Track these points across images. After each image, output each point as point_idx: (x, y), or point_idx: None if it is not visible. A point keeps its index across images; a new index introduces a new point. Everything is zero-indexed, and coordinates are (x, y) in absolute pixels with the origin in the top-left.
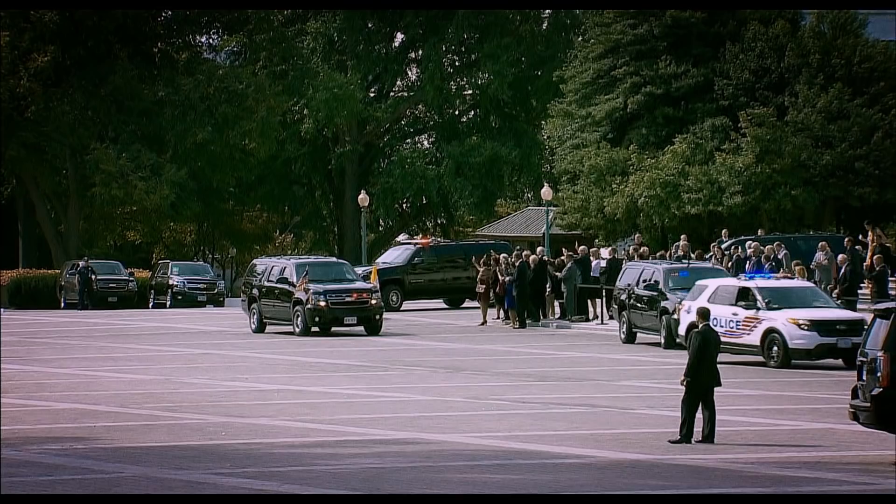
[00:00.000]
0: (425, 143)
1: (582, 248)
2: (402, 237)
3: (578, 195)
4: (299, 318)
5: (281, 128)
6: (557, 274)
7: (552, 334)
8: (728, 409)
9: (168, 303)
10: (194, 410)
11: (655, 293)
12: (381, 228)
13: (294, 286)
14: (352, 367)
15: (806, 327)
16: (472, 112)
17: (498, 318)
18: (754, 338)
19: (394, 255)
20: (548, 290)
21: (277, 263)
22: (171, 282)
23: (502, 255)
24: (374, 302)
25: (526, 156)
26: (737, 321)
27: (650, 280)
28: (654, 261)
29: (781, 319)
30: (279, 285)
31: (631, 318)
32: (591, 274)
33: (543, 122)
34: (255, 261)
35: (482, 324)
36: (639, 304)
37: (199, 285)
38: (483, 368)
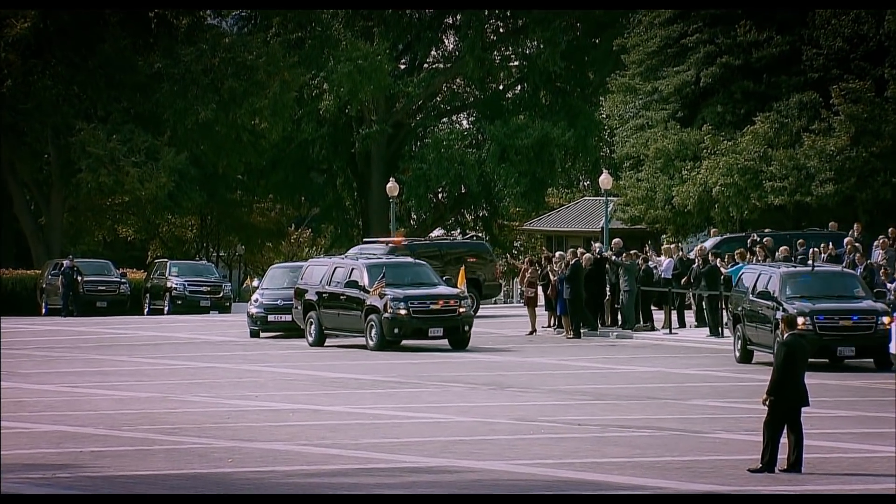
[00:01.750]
0: (464, 122)
1: (633, 251)
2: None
3: (642, 183)
4: (373, 330)
5: (297, 105)
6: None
7: (611, 345)
8: (818, 432)
9: (166, 308)
10: (196, 433)
11: (770, 303)
12: (412, 222)
13: (366, 291)
14: (377, 382)
15: None
16: (519, 87)
17: (549, 326)
18: None
19: (363, 255)
20: (607, 293)
21: (343, 264)
22: (169, 284)
23: (557, 253)
24: (462, 310)
25: (581, 138)
26: None
27: (765, 286)
28: (772, 263)
29: None
30: (346, 290)
31: (746, 332)
32: (662, 275)
33: (602, 99)
34: (309, 261)
35: (530, 333)
36: (753, 317)
37: (201, 288)
38: (531, 385)
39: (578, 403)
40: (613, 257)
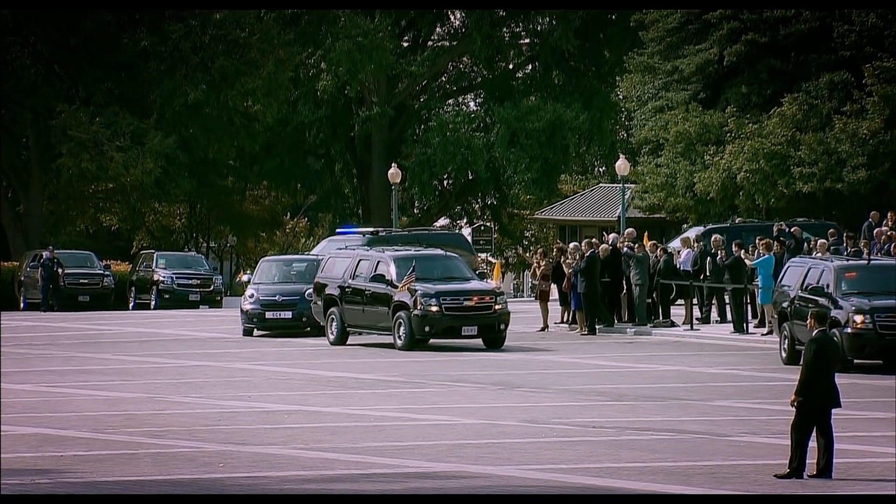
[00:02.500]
0: (471, 104)
1: (652, 241)
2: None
3: (662, 169)
4: (402, 328)
5: (292, 86)
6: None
7: (629, 342)
8: (849, 435)
9: (153, 303)
10: (185, 436)
11: (822, 299)
12: (416, 211)
13: (394, 286)
14: (379, 382)
15: None
16: (530, 66)
17: (563, 321)
18: None
19: (336, 248)
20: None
21: (368, 256)
22: (156, 277)
23: (571, 244)
24: (498, 307)
25: (596, 121)
26: None
27: (816, 282)
28: (822, 257)
29: None
30: (372, 285)
31: (793, 331)
32: (682, 267)
33: (618, 79)
34: (329, 252)
35: (542, 329)
36: (803, 314)
37: (190, 281)
38: (543, 385)
39: (593, 404)
40: (625, 249)
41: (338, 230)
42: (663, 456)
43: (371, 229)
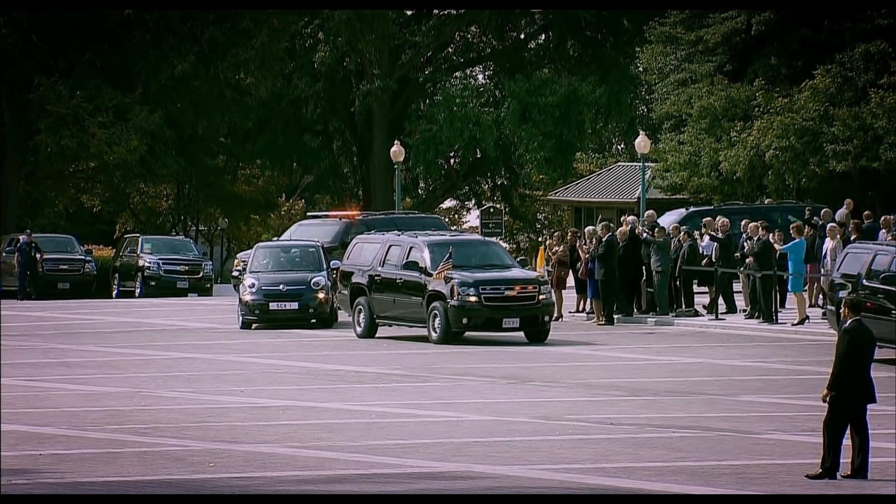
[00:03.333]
0: (480, 77)
1: (674, 225)
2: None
3: (685, 147)
4: (437, 320)
5: (288, 57)
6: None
7: (649, 333)
8: (886, 433)
9: (138, 290)
10: (172, 434)
11: (893, 289)
12: (420, 191)
13: (428, 274)
14: (381, 375)
15: None
16: (543, 36)
17: (580, 310)
18: None
19: (312, 234)
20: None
21: (399, 242)
22: (141, 263)
23: (587, 228)
24: (542, 297)
25: (614, 95)
26: None
27: (888, 268)
28: (889, 242)
29: None
30: (404, 273)
31: None
32: (704, 252)
33: (638, 50)
34: (356, 238)
35: (557, 318)
36: (867, 306)
37: (178, 268)
38: (556, 378)
39: (611, 399)
40: (645, 233)
41: (308, 214)
42: (685, 455)
43: (346, 213)
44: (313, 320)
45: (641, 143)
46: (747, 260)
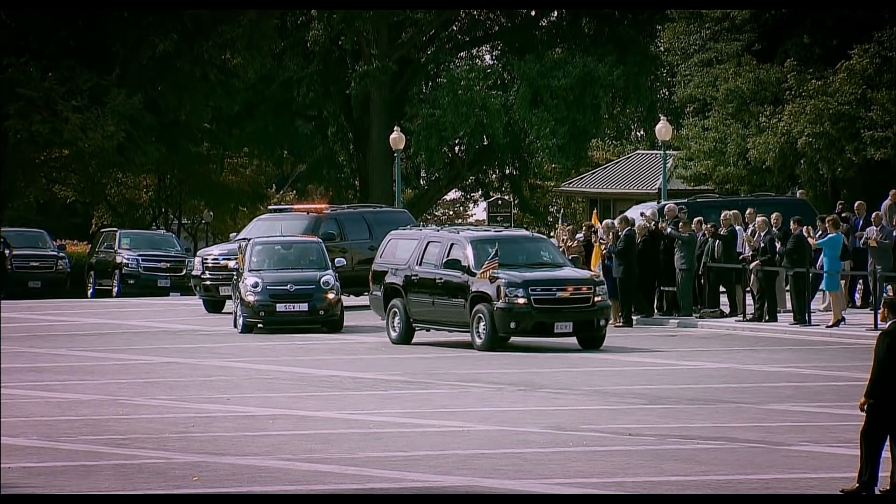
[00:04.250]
0: (487, 57)
1: (697, 218)
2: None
3: (710, 133)
4: (482, 324)
5: (278, 36)
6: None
7: (671, 335)
8: None
9: (115, 289)
10: (153, 445)
11: None
12: (422, 182)
13: (472, 274)
14: (379, 382)
15: None
16: (555, 13)
17: None
18: None
19: (276, 231)
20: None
21: (438, 238)
22: (119, 259)
23: (605, 222)
24: (598, 299)
25: (633, 76)
26: None
27: None
28: None
29: None
30: (445, 272)
31: None
32: (738, 249)
33: (659, 28)
34: (390, 234)
35: None
36: None
37: (159, 264)
38: (570, 385)
39: (629, 408)
40: (669, 228)
41: (270, 207)
42: (710, 468)
43: (313, 206)
44: (321, 324)
45: (662, 129)
46: (755, 258)
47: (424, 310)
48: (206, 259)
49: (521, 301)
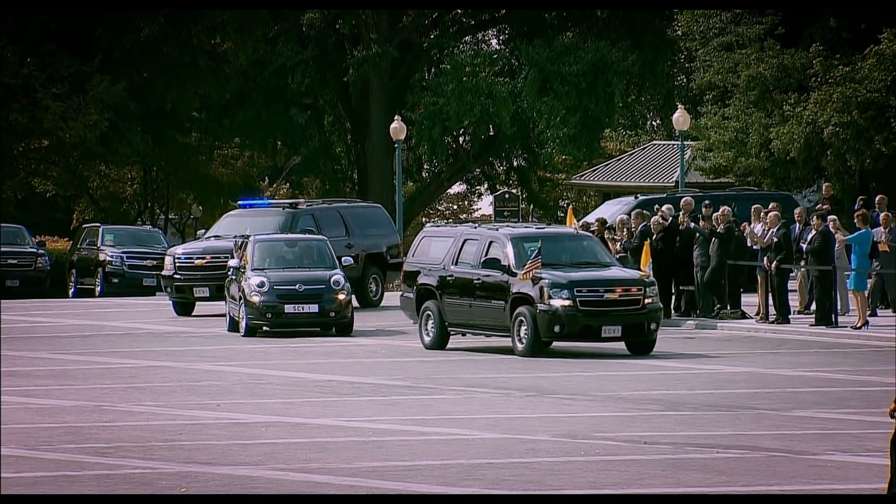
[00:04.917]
0: (493, 42)
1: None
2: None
3: (730, 123)
4: (524, 327)
5: (271, 20)
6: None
7: (689, 337)
8: None
9: (98, 288)
10: (138, 454)
11: None
12: (425, 174)
13: (512, 274)
14: (379, 387)
15: None
16: None
17: None
18: None
19: (249, 228)
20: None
21: (475, 235)
22: (102, 256)
23: (618, 218)
24: (648, 301)
25: (649, 63)
26: None
27: None
28: None
29: None
30: (483, 272)
31: None
32: (752, 246)
33: (676, 11)
34: (423, 230)
35: None
36: None
37: (145, 262)
38: (582, 390)
39: (645, 415)
40: (690, 223)
41: (240, 202)
42: (730, 479)
43: (288, 201)
44: (332, 327)
45: (680, 118)
46: (767, 255)
47: (460, 313)
48: (180, 257)
49: (567, 303)
